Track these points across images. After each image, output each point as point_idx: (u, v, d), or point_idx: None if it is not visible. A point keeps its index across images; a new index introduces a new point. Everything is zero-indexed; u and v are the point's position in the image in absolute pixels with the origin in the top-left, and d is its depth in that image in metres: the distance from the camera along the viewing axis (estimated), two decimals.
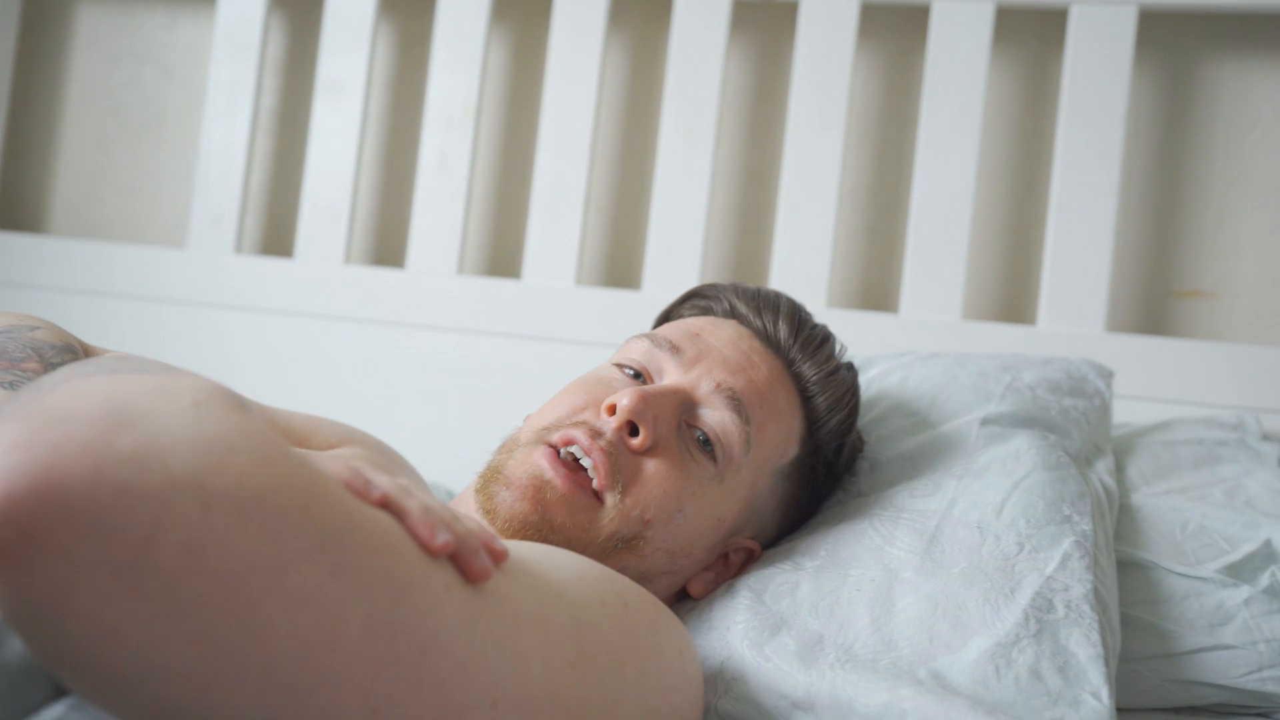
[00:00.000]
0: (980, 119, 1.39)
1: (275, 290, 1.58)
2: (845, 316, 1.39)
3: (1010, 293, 1.47)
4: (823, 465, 0.94)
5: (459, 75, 1.54)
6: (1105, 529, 0.90)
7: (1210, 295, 1.42)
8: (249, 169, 1.62)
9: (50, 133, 1.80)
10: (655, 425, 0.83)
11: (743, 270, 1.54)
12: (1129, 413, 1.26)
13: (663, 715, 0.67)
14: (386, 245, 1.66)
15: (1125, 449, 1.14)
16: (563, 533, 0.80)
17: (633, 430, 0.83)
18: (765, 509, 0.91)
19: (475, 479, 0.86)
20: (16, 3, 1.76)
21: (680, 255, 1.46)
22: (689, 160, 1.47)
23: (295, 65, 1.71)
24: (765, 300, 0.95)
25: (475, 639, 0.54)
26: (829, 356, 0.94)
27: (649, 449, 0.83)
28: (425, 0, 1.61)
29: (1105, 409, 1.07)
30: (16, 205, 1.80)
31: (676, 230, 1.46)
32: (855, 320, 1.39)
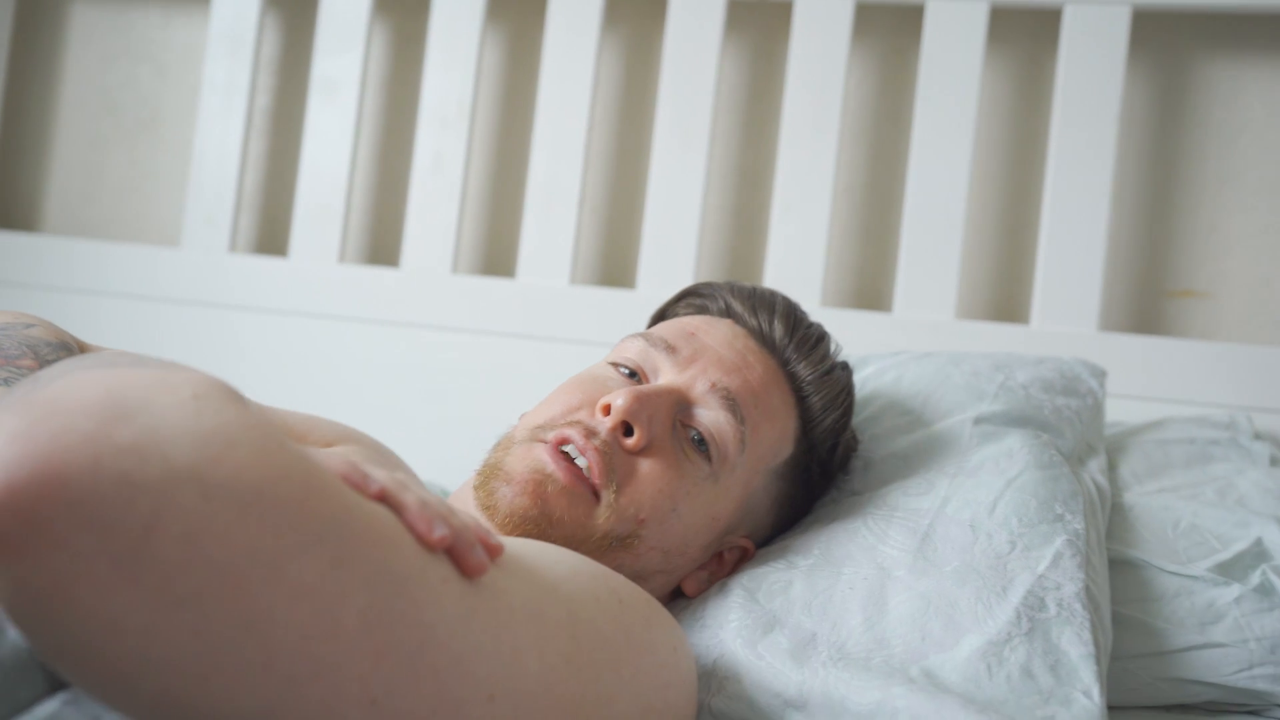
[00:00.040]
0: (974, 118, 1.39)
1: (270, 289, 1.58)
2: (839, 316, 1.39)
3: (1004, 292, 1.47)
4: (817, 464, 0.95)
5: (453, 74, 1.54)
6: (1097, 528, 0.90)
7: (1203, 295, 1.42)
8: (244, 168, 1.62)
9: (45, 131, 1.80)
10: (650, 425, 0.84)
11: (737, 269, 1.55)
12: (1122, 412, 1.26)
13: (657, 712, 0.67)
14: (381, 244, 1.66)
15: (1118, 448, 1.14)
16: (560, 527, 0.80)
17: (627, 430, 0.84)
18: (760, 508, 0.91)
19: (473, 476, 0.86)
20: (11, 2, 1.76)
21: (675, 254, 1.46)
22: (684, 159, 1.47)
23: (290, 64, 1.71)
24: (761, 299, 0.96)
25: (472, 632, 0.55)
26: (824, 356, 0.94)
27: (643, 449, 0.83)
28: (420, 0, 1.61)
29: (1098, 408, 1.07)
30: (11, 204, 1.80)
31: (671, 229, 1.47)
32: (849, 319, 1.39)
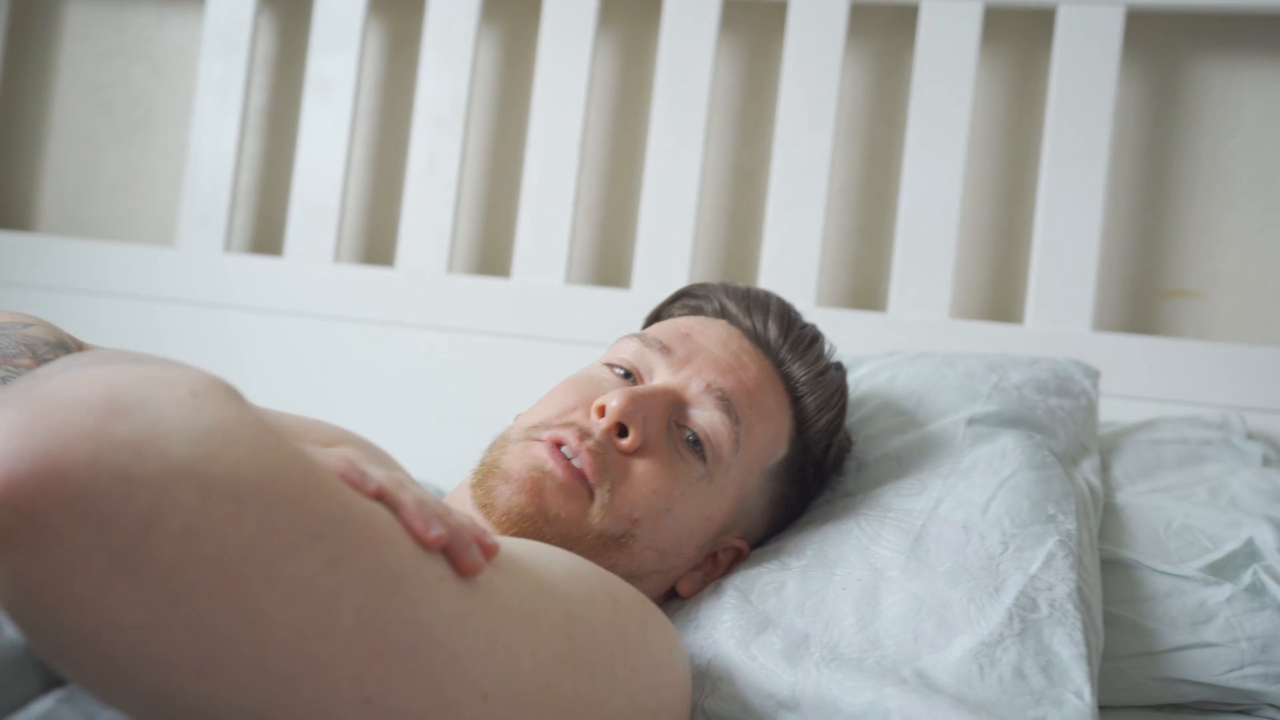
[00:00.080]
0: (968, 118, 1.40)
1: (265, 289, 1.58)
2: (834, 315, 1.39)
3: (998, 292, 1.47)
4: (811, 465, 0.95)
5: (448, 74, 1.55)
6: (1089, 528, 0.90)
7: (1196, 294, 1.43)
8: (238, 167, 1.62)
9: (39, 131, 1.80)
10: (644, 426, 0.84)
11: (732, 269, 1.55)
12: (1115, 411, 1.26)
13: (651, 713, 0.67)
14: (376, 244, 1.66)
15: (1111, 448, 1.14)
16: (556, 525, 0.80)
17: (622, 431, 0.84)
18: (754, 509, 0.92)
19: (469, 475, 0.86)
20: (5, 1, 1.76)
21: (670, 254, 1.46)
22: (678, 159, 1.47)
23: (285, 64, 1.71)
24: (755, 300, 0.96)
25: (467, 632, 0.55)
26: (818, 356, 0.94)
27: (638, 449, 0.84)
28: (415, 0, 1.61)
29: (1091, 409, 1.07)
30: (5, 203, 1.80)
31: (666, 229, 1.47)
32: (844, 319, 1.39)
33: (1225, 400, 1.29)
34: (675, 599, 0.90)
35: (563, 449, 0.82)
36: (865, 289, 1.51)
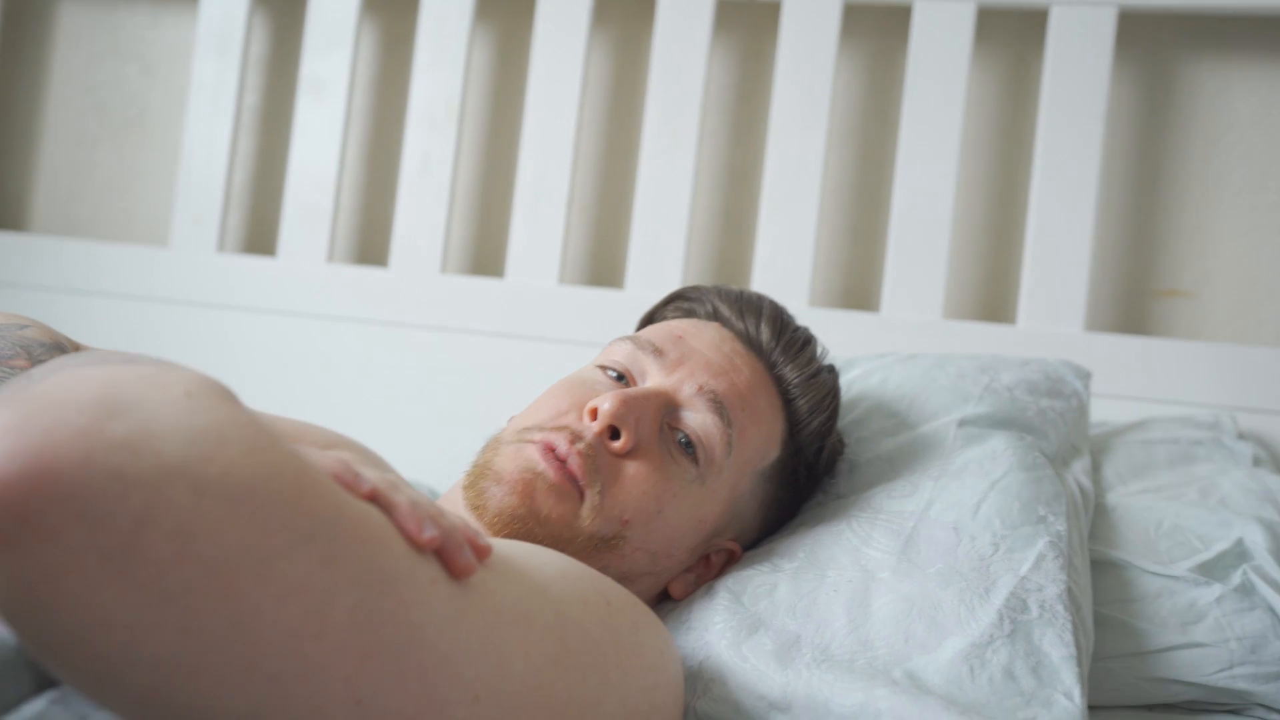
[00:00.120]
0: (961, 119, 1.40)
1: (258, 289, 1.57)
2: (827, 316, 1.39)
3: (990, 292, 1.48)
4: (804, 467, 0.95)
5: (442, 74, 1.54)
6: (1080, 529, 0.90)
7: (1188, 294, 1.43)
8: (231, 167, 1.62)
9: (32, 131, 1.79)
10: (636, 428, 0.84)
11: (725, 269, 1.55)
12: (1107, 412, 1.27)
13: (643, 714, 0.68)
14: (370, 244, 1.66)
15: (1102, 448, 1.15)
16: (548, 526, 0.81)
17: (614, 433, 0.84)
18: (746, 511, 0.92)
19: (462, 477, 0.86)
20: None
21: (663, 254, 1.46)
22: (672, 159, 1.47)
23: (278, 64, 1.70)
24: (748, 303, 0.96)
25: (460, 633, 0.55)
26: (810, 359, 0.95)
27: (630, 451, 0.84)
28: (409, 0, 1.62)
29: (1082, 410, 1.07)
30: None
31: (659, 229, 1.47)
32: (837, 319, 1.40)
33: (1217, 400, 1.30)
34: (667, 601, 0.90)
35: (554, 452, 0.83)
36: (858, 289, 1.51)
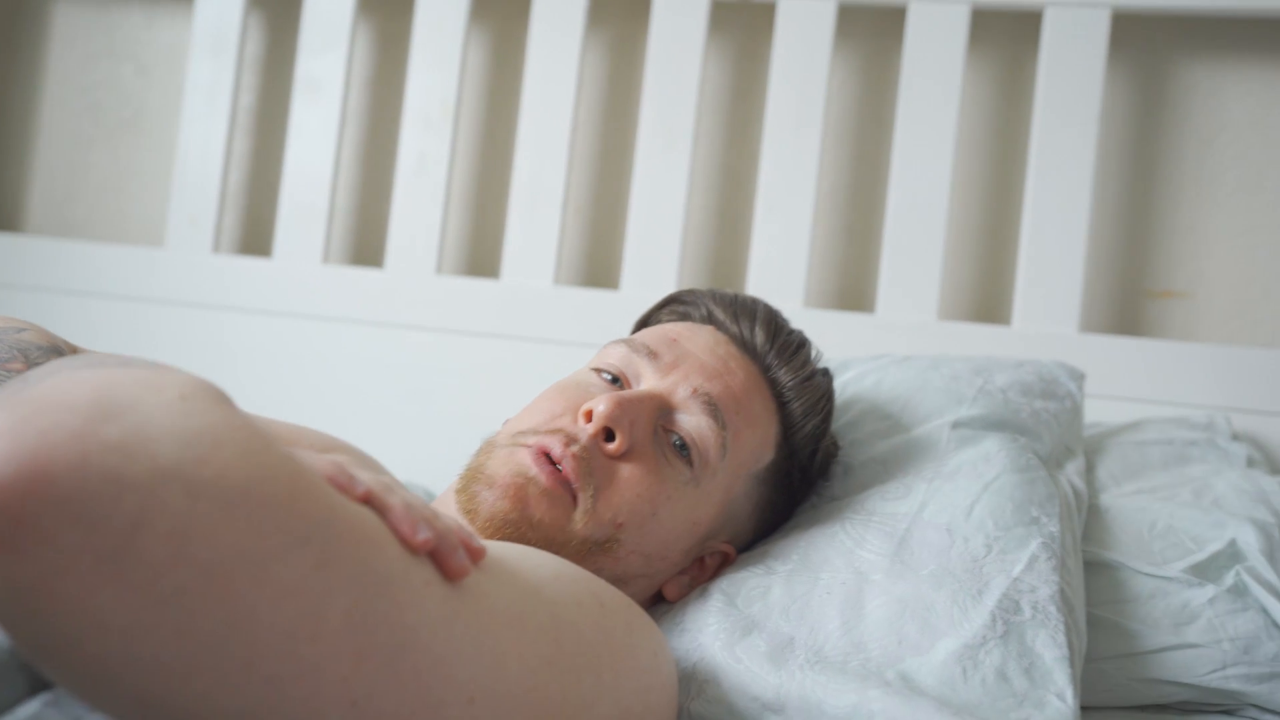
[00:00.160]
0: (956, 120, 1.40)
1: (254, 289, 1.57)
2: (823, 317, 1.40)
3: (985, 293, 1.48)
4: (798, 470, 0.95)
5: (437, 75, 1.54)
6: (1073, 530, 0.91)
7: (1183, 295, 1.43)
8: (227, 168, 1.62)
9: (28, 131, 1.79)
10: (631, 430, 0.84)
11: (721, 270, 1.55)
12: (1102, 412, 1.27)
13: (637, 715, 0.68)
14: (365, 245, 1.66)
15: (1096, 449, 1.15)
16: (540, 530, 0.81)
17: (609, 435, 0.84)
18: (740, 513, 0.92)
19: (456, 480, 0.87)
20: None
21: (658, 255, 1.46)
22: (667, 160, 1.47)
23: (273, 64, 1.70)
24: (742, 306, 0.96)
25: (454, 635, 0.55)
26: (805, 362, 0.95)
27: (624, 454, 0.84)
28: (404, 0, 1.61)
29: (1076, 411, 1.07)
30: None
31: (655, 230, 1.47)
32: (832, 320, 1.40)
33: (1211, 401, 1.30)
34: (662, 603, 0.90)
35: (548, 456, 0.83)
36: (853, 290, 1.51)
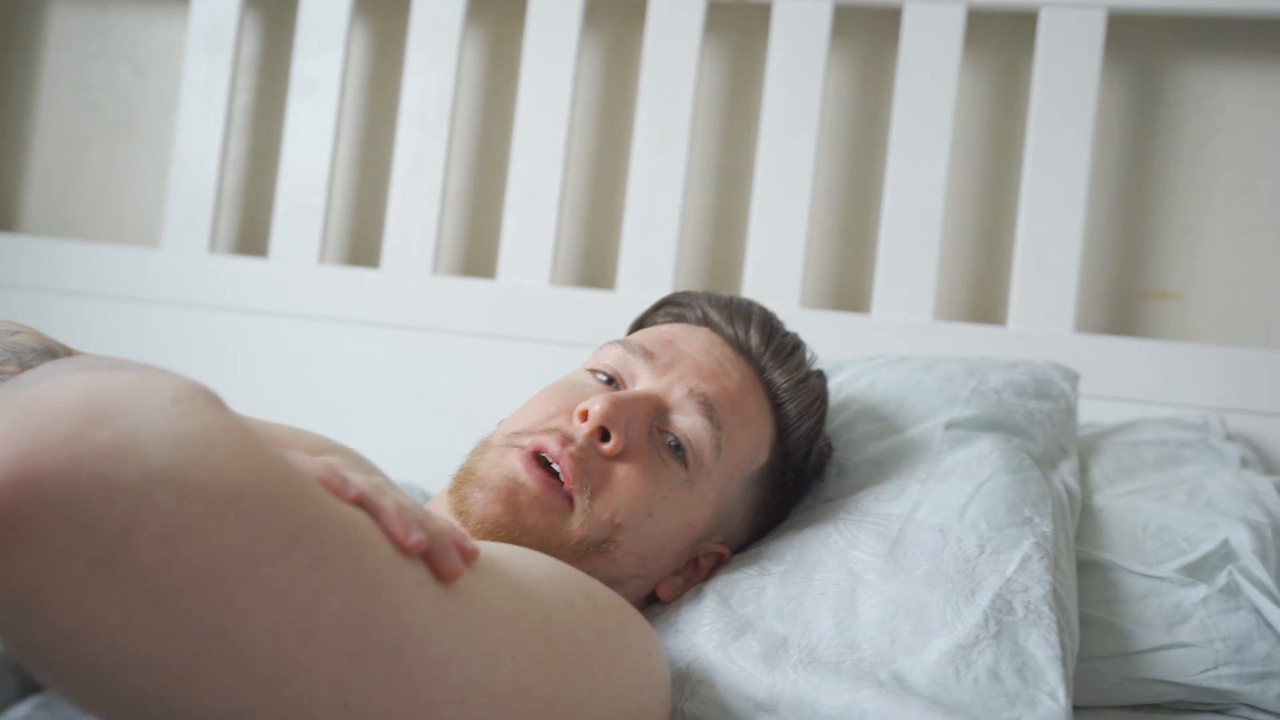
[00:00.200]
0: (951, 120, 1.40)
1: (249, 290, 1.57)
2: (818, 317, 1.40)
3: (981, 294, 1.48)
4: (792, 471, 0.95)
5: (433, 75, 1.55)
6: (1066, 530, 0.91)
7: (1178, 296, 1.44)
8: (223, 168, 1.62)
9: (24, 132, 1.79)
10: (626, 430, 0.84)
11: (717, 270, 1.55)
12: (1097, 413, 1.27)
13: (630, 715, 0.68)
14: (361, 245, 1.66)
15: (1090, 449, 1.15)
16: (534, 534, 0.81)
17: (604, 435, 0.84)
18: (735, 514, 0.92)
19: (449, 481, 0.87)
20: None
21: (654, 256, 1.47)
22: (663, 161, 1.48)
23: (270, 65, 1.70)
24: (737, 308, 0.96)
25: (447, 636, 0.55)
26: (799, 364, 0.95)
27: (620, 454, 0.84)
28: (400, 0, 1.61)
29: (1070, 411, 1.08)
30: None
31: (651, 231, 1.47)
32: (828, 321, 1.40)
33: (1206, 401, 1.30)
34: (656, 603, 0.90)
35: (543, 455, 0.83)
36: (849, 291, 1.52)
